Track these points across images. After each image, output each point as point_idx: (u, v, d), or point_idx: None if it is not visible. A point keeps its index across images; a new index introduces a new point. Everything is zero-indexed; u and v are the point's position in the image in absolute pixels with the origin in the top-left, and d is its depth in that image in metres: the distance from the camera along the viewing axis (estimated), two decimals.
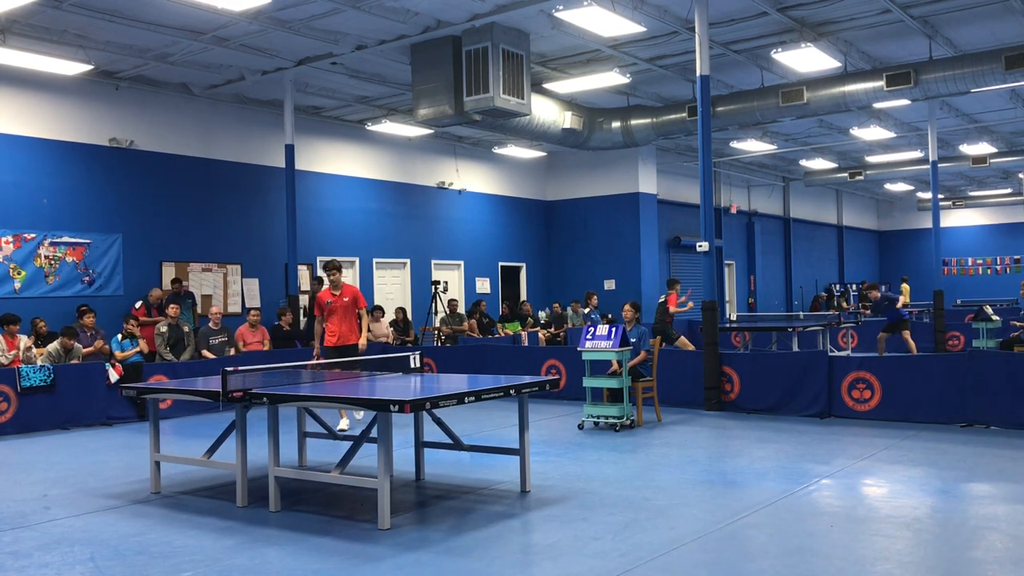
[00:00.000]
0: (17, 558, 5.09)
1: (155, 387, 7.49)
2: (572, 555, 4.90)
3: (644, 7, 11.28)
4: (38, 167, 12.73)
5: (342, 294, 9.76)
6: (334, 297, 9.72)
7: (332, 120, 16.82)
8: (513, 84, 12.02)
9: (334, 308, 9.72)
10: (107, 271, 13.36)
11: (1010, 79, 12.70)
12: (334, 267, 9.78)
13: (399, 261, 18.30)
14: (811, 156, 23.24)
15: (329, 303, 9.71)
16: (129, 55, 12.40)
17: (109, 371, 10.74)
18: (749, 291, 25.96)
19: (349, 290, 9.90)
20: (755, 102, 14.50)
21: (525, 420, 6.48)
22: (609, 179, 20.81)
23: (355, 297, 9.90)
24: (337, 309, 9.72)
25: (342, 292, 9.78)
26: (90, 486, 7.08)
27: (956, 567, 4.58)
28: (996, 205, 31.59)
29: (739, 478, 6.81)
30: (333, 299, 9.72)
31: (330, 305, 9.72)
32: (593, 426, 9.56)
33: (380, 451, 5.49)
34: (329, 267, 9.81)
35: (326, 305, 9.73)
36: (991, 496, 6.07)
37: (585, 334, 9.41)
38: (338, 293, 9.75)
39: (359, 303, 9.93)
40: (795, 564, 4.65)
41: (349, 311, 9.79)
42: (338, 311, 9.72)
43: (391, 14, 11.21)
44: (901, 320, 14.84)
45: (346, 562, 4.87)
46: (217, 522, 5.83)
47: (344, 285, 9.86)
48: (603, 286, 20.45)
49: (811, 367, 10.02)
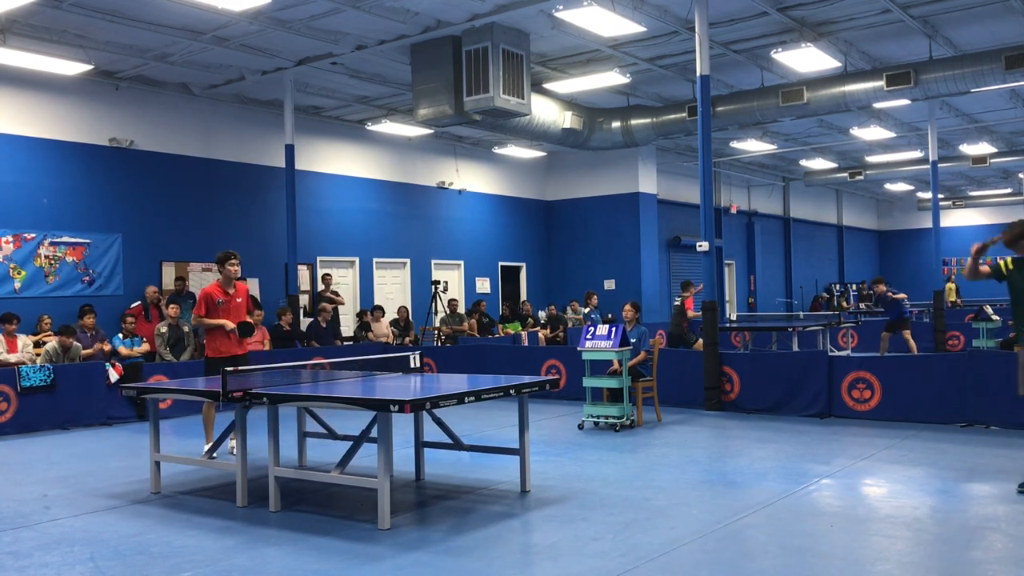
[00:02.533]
0: (17, 558, 5.09)
1: (155, 387, 7.49)
2: (572, 555, 4.90)
3: (644, 7, 11.28)
4: (38, 167, 12.73)
5: (236, 293, 8.40)
6: (227, 296, 8.31)
7: (332, 120, 16.82)
8: (513, 84, 12.02)
9: (228, 308, 8.32)
10: (107, 271, 13.36)
11: (1010, 79, 12.70)
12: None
13: (399, 261, 18.30)
14: (811, 156, 23.24)
15: (221, 302, 8.26)
16: (129, 55, 12.40)
17: (109, 371, 10.74)
18: (749, 291, 25.96)
19: (242, 289, 8.56)
20: (755, 102, 14.50)
21: (525, 420, 6.48)
22: (609, 179, 20.81)
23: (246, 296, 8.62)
24: (231, 310, 8.32)
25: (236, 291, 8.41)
26: (90, 486, 7.08)
27: (956, 567, 4.58)
28: (996, 205, 31.59)
29: (739, 478, 6.80)
30: (226, 298, 8.30)
31: (222, 305, 8.28)
32: (593, 426, 9.56)
33: (380, 451, 5.49)
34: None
35: (217, 305, 8.27)
36: (991, 496, 6.07)
37: (585, 334, 9.41)
38: (232, 292, 8.35)
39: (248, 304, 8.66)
40: (795, 564, 4.65)
41: (241, 312, 8.46)
42: (231, 312, 8.33)
43: (391, 14, 11.21)
44: (903, 319, 14.87)
45: (346, 562, 4.87)
46: (217, 522, 5.83)
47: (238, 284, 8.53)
48: (603, 286, 20.44)
49: (811, 367, 10.02)
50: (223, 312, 8.19)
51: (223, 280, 8.25)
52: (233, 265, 8.20)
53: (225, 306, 8.21)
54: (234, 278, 8.28)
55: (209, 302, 8.16)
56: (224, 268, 8.20)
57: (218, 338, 8.18)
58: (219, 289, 8.22)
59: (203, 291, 8.28)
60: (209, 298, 8.16)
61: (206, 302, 8.16)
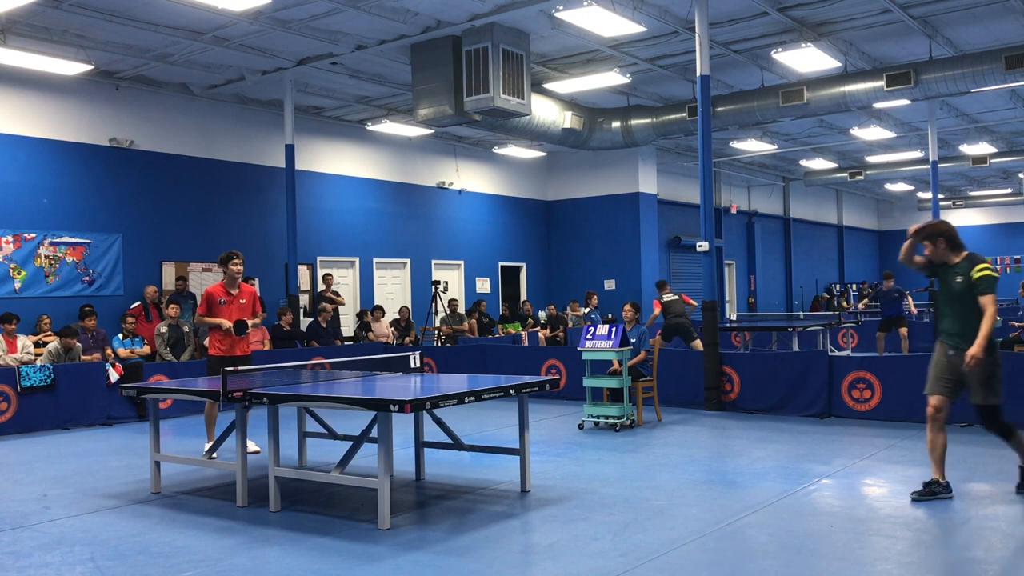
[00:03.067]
0: (17, 558, 5.09)
1: (155, 387, 7.48)
2: (572, 555, 4.89)
3: (644, 7, 11.28)
4: (38, 167, 12.73)
5: (240, 294, 8.38)
6: (230, 296, 8.31)
7: (332, 120, 16.82)
8: (513, 84, 12.02)
9: (230, 308, 8.30)
10: (107, 271, 13.37)
11: (1010, 79, 12.70)
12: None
13: (399, 261, 18.30)
14: (811, 156, 23.24)
15: (223, 302, 8.25)
16: (129, 55, 12.41)
17: (109, 371, 10.73)
18: (749, 291, 25.96)
19: (248, 290, 8.52)
20: (755, 102, 14.50)
21: (525, 420, 6.48)
22: (609, 179, 20.81)
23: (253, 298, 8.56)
24: (233, 310, 8.29)
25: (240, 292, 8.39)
26: (90, 486, 7.08)
27: (956, 567, 4.58)
28: (996, 205, 31.62)
29: (739, 478, 6.80)
30: (228, 298, 8.29)
31: (224, 304, 8.27)
32: (593, 426, 9.56)
33: (380, 451, 5.49)
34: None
35: (219, 304, 8.25)
36: (991, 496, 6.07)
37: (585, 334, 9.41)
38: (236, 292, 8.35)
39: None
40: (795, 564, 4.65)
41: (245, 313, 8.40)
42: (234, 312, 8.29)
43: (391, 14, 11.22)
44: (900, 316, 14.89)
45: (346, 562, 4.87)
46: (217, 522, 5.82)
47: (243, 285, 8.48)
48: (603, 286, 20.45)
49: (811, 367, 10.01)
50: (225, 311, 8.22)
51: (227, 280, 8.30)
52: (236, 265, 8.23)
53: (227, 306, 8.23)
54: (237, 278, 8.30)
55: (211, 301, 8.21)
56: (227, 268, 8.25)
57: (219, 338, 8.24)
58: (222, 289, 8.27)
59: (206, 291, 8.38)
60: (211, 297, 8.22)
61: (208, 301, 8.23)
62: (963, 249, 6.02)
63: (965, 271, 5.90)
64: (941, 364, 6.03)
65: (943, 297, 6.10)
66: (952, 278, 5.95)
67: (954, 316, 5.99)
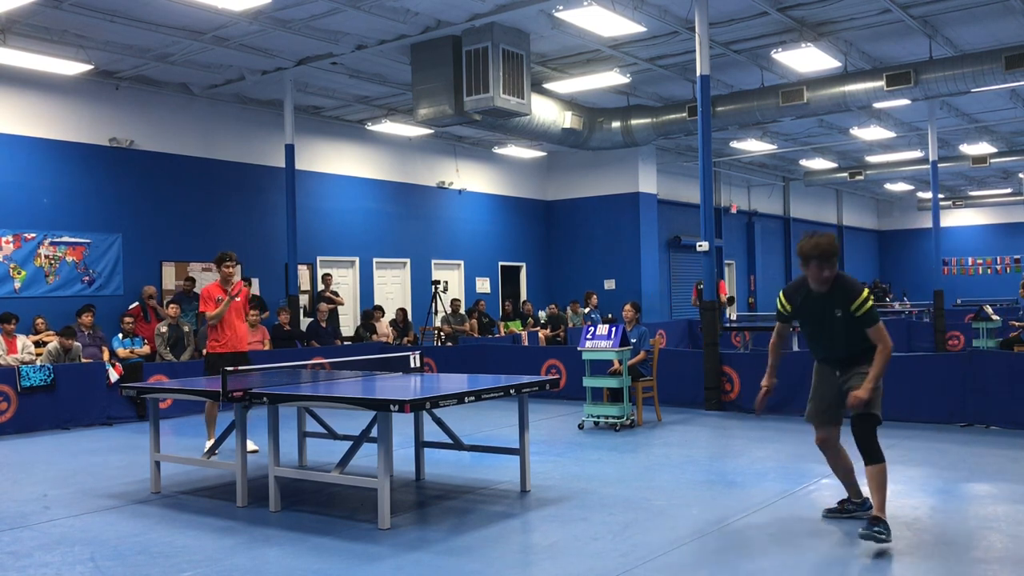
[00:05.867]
0: (17, 558, 5.09)
1: (155, 387, 7.49)
2: (572, 555, 4.89)
3: (644, 7, 11.28)
4: (38, 167, 12.73)
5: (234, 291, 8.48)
6: (226, 295, 8.41)
7: (332, 120, 16.82)
8: (513, 84, 12.02)
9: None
10: (107, 271, 13.36)
11: (1010, 79, 12.70)
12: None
13: (399, 261, 18.30)
14: (811, 156, 23.24)
15: (220, 300, 8.39)
16: (129, 55, 12.40)
17: (109, 371, 10.74)
18: (749, 291, 25.96)
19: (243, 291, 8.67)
20: (755, 102, 14.50)
21: (525, 420, 6.48)
22: (609, 179, 20.81)
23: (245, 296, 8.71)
24: (230, 308, 8.44)
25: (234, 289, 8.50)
26: (90, 486, 7.08)
27: (956, 567, 4.58)
28: (996, 205, 31.59)
29: (739, 478, 6.80)
30: (225, 296, 8.40)
31: (221, 302, 8.39)
32: (593, 426, 9.56)
33: (380, 451, 5.49)
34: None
35: (217, 303, 8.40)
36: (991, 496, 6.07)
37: (585, 334, 9.41)
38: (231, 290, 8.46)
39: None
40: (795, 564, 4.65)
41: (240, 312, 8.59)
42: (230, 309, 8.45)
43: (391, 14, 11.21)
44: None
45: (346, 562, 4.87)
46: (217, 522, 5.83)
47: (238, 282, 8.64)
48: (603, 286, 20.45)
49: (811, 367, 9.97)
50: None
51: (221, 280, 8.55)
52: (229, 267, 8.49)
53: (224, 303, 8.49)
54: (231, 279, 8.53)
55: (212, 299, 8.48)
56: (220, 269, 8.53)
57: (217, 335, 8.46)
58: (219, 288, 8.51)
59: (204, 289, 8.63)
60: (211, 295, 8.50)
61: (212, 300, 8.49)
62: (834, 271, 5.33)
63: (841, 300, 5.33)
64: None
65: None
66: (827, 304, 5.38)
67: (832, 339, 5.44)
